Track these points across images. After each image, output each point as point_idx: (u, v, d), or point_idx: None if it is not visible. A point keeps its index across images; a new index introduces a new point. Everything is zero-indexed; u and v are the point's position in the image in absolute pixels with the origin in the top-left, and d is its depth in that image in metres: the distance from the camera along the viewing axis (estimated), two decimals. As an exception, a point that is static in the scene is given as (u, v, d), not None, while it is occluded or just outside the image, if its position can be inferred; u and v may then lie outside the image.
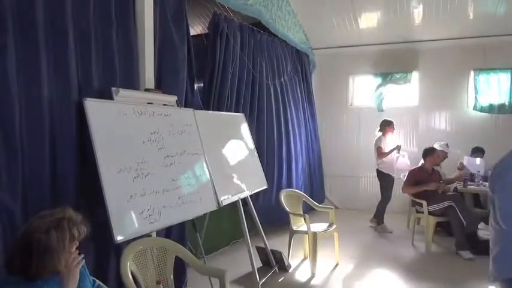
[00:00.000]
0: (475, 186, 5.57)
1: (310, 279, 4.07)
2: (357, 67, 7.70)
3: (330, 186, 7.80)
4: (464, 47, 6.92)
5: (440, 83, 7.16)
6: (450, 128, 7.10)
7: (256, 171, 4.35)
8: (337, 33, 7.20)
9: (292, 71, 6.77)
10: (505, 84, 6.76)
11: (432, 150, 5.38)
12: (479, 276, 4.12)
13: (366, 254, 4.89)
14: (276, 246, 4.38)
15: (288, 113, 6.40)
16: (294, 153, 6.41)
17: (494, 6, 6.09)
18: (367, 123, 7.55)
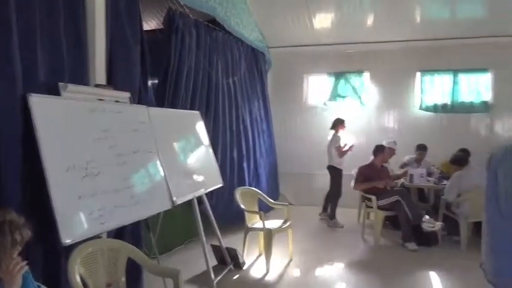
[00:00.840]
0: (419, 182, 5.87)
1: (264, 275, 4.12)
2: (312, 66, 7.87)
3: (285, 183, 7.91)
4: (412, 49, 7.29)
5: (389, 83, 7.49)
6: (398, 126, 7.45)
7: (211, 169, 4.33)
8: (292, 32, 7.31)
9: (248, 69, 6.79)
10: (448, 85, 7.19)
11: (382, 147, 5.63)
12: (423, 265, 4.40)
13: (318, 248, 5.04)
14: (231, 244, 4.40)
15: (243, 111, 6.43)
16: (248, 151, 6.46)
17: (439, 12, 6.44)
18: (321, 121, 7.74)
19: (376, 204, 5.19)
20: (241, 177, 6.12)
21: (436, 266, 4.36)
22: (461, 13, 6.51)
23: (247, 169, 6.34)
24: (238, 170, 6.07)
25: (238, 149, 6.17)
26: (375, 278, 4.09)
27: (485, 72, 7.07)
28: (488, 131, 7.10)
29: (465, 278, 4.04)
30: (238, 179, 6.00)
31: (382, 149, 5.59)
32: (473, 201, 4.83)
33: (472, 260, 4.56)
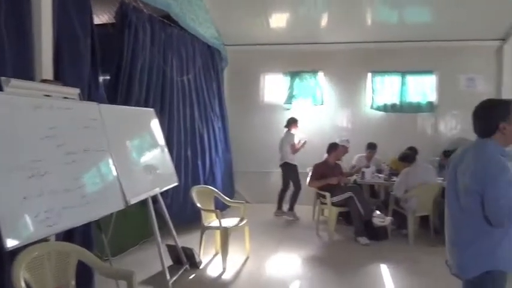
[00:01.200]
0: (370, 179, 6.10)
1: (221, 274, 4.12)
2: (268, 65, 7.94)
3: (241, 181, 7.93)
4: (363, 50, 7.56)
5: (342, 83, 7.72)
6: (351, 125, 7.69)
7: (166, 168, 4.25)
8: (249, 30, 7.33)
9: (204, 67, 6.72)
10: (397, 86, 7.53)
11: (335, 145, 5.79)
12: (374, 258, 4.58)
13: (275, 245, 5.09)
14: (187, 244, 4.34)
15: (198, 109, 6.36)
16: (203, 149, 6.40)
17: (389, 15, 6.73)
18: (277, 120, 7.84)
19: (330, 200, 5.34)
20: (196, 175, 6.05)
21: (386, 259, 4.55)
22: (409, 17, 6.83)
23: (202, 167, 6.28)
24: (193, 168, 6.00)
25: (193, 147, 6.10)
26: (329, 272, 4.21)
27: (431, 74, 7.47)
28: (433, 130, 7.51)
29: (413, 270, 4.27)
30: (193, 178, 5.93)
31: (336, 147, 5.76)
32: (420, 196, 5.10)
33: (419, 252, 4.86)
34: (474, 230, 1.99)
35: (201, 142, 6.36)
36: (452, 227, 2.13)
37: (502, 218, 1.89)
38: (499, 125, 1.96)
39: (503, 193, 1.87)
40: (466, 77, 7.35)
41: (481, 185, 1.91)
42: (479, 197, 1.92)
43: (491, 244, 1.96)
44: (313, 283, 3.93)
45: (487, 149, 1.98)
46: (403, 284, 3.88)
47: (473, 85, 7.32)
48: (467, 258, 2.03)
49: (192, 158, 6.02)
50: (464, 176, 2.00)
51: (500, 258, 1.95)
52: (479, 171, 1.93)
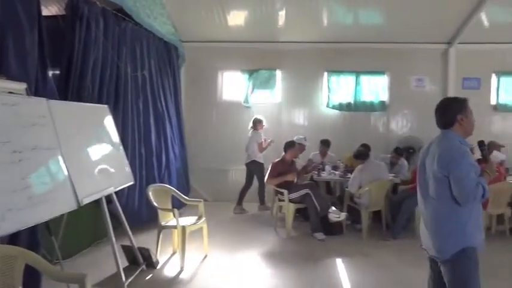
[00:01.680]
0: (326, 175, 6.25)
1: (179, 273, 4.06)
2: (226, 63, 7.91)
3: (199, 179, 7.85)
4: (320, 49, 7.72)
5: (300, 81, 7.85)
6: (308, 123, 7.84)
7: (121, 167, 4.12)
8: (206, 27, 7.26)
9: (160, 63, 6.58)
10: (351, 86, 7.76)
11: (292, 143, 5.87)
12: (330, 253, 4.70)
13: (233, 243, 5.10)
14: (144, 244, 4.25)
15: (154, 106, 6.22)
16: (158, 147, 6.28)
17: (344, 17, 6.91)
18: (235, 117, 7.85)
19: (288, 197, 5.42)
20: (151, 174, 5.92)
21: (341, 253, 4.69)
22: (363, 19, 7.06)
23: (157, 165, 6.15)
24: (148, 166, 5.87)
25: (148, 145, 5.96)
26: (287, 268, 4.26)
27: (383, 75, 7.77)
28: (385, 128, 7.82)
29: (366, 263, 4.43)
30: (148, 176, 5.79)
31: (292, 145, 5.83)
32: (372, 192, 5.29)
33: (372, 246, 5.05)
34: (446, 213, 2.23)
35: (156, 139, 6.21)
36: (427, 213, 2.34)
37: (467, 196, 2.14)
38: (457, 116, 2.28)
39: (465, 174, 2.14)
40: (415, 77, 7.72)
41: (446, 169, 2.17)
42: (447, 181, 2.18)
43: (461, 223, 2.20)
44: (271, 279, 3.97)
45: (448, 138, 2.28)
46: (357, 277, 4.01)
47: (422, 85, 7.71)
48: (443, 239, 2.24)
49: (147, 156, 5.88)
50: (432, 164, 2.24)
51: (470, 235, 2.20)
52: (444, 157, 2.20)
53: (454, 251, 2.19)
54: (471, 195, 2.14)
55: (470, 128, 2.34)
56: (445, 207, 2.22)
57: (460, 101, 2.35)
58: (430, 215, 2.32)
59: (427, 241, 2.37)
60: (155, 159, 6.11)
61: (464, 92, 7.51)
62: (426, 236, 2.37)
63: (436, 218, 2.28)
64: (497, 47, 7.47)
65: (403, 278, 4.01)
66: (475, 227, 2.23)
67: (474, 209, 2.22)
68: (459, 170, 2.15)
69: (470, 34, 7.01)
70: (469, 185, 2.13)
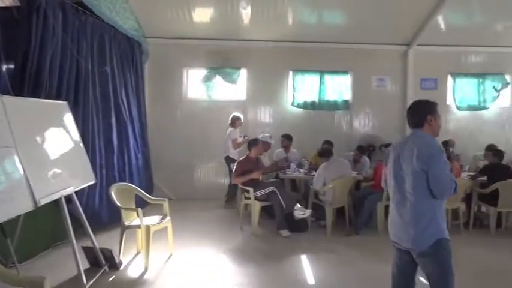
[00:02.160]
0: (291, 173, 6.32)
1: (143, 273, 3.98)
2: (192, 60, 7.82)
3: (164, 178, 7.73)
4: (285, 49, 7.79)
5: (265, 80, 7.89)
6: (273, 121, 7.89)
7: (82, 165, 3.98)
8: (171, 23, 7.14)
9: (122, 59, 6.39)
10: (315, 85, 7.89)
11: (255, 141, 5.88)
12: (295, 250, 4.77)
13: (199, 241, 5.06)
14: (106, 244, 4.13)
15: (116, 103, 6.05)
16: (120, 145, 6.12)
17: (308, 17, 7.01)
18: (201, 115, 7.78)
19: (253, 195, 5.44)
20: (113, 172, 5.77)
21: (306, 250, 4.77)
22: (327, 20, 7.20)
23: (119, 164, 6.01)
24: (110, 165, 5.71)
25: (110, 143, 5.80)
26: (252, 265, 4.28)
27: (346, 75, 7.95)
28: (348, 126, 8.02)
29: (330, 259, 4.53)
30: (110, 175, 5.63)
31: (256, 143, 5.84)
32: (336, 189, 5.41)
33: (336, 242, 5.16)
34: (423, 206, 2.36)
35: (117, 137, 6.04)
36: (404, 207, 2.43)
37: (444, 190, 2.31)
38: (427, 117, 2.45)
39: (443, 170, 2.31)
40: (377, 77, 7.97)
41: (426, 165, 2.30)
42: (425, 175, 2.31)
43: (436, 216, 2.36)
44: (237, 277, 3.97)
45: (424, 136, 2.44)
46: (321, 273, 4.09)
47: (383, 85, 7.97)
48: (421, 231, 2.35)
49: (109, 154, 5.72)
50: (411, 160, 2.36)
51: (443, 227, 2.37)
52: (423, 153, 2.32)
53: (431, 242, 2.31)
54: (448, 189, 2.31)
55: (438, 130, 2.51)
56: (423, 201, 2.35)
57: (431, 104, 2.52)
58: (407, 209, 2.41)
59: (401, 234, 2.46)
60: (116, 158, 5.95)
61: (423, 92, 7.85)
62: (400, 229, 2.45)
63: (414, 211, 2.38)
64: (452, 50, 7.84)
65: (366, 272, 4.12)
66: (443, 219, 2.40)
67: (442, 203, 2.41)
68: (438, 166, 2.30)
69: (428, 37, 7.31)
70: (446, 180, 2.30)
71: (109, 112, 5.84)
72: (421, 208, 2.36)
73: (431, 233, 2.33)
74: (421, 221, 2.34)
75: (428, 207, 2.35)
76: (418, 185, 2.34)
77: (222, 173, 7.67)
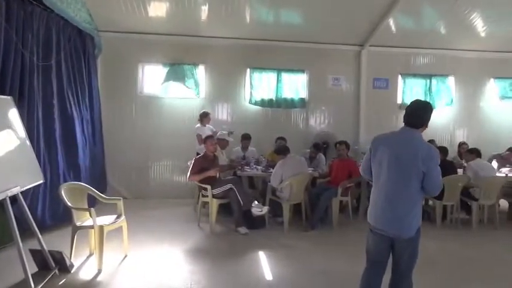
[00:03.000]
0: (249, 170, 6.35)
1: (96, 275, 3.84)
2: (147, 55, 7.63)
3: (118, 176, 7.51)
4: (242, 46, 7.80)
5: (223, 77, 7.86)
6: (231, 119, 7.87)
7: (28, 164, 3.77)
8: (125, 17, 6.90)
9: (73, 53, 6.10)
10: (273, 83, 7.97)
11: (207, 137, 5.83)
12: (253, 247, 4.80)
13: (155, 241, 4.95)
14: (56, 247, 3.95)
15: (66, 98, 5.78)
16: (71, 142, 5.88)
17: (265, 15, 7.04)
18: (157, 112, 7.62)
19: (211, 193, 5.41)
20: (63, 171, 5.52)
21: (264, 246, 4.82)
22: (284, 19, 7.26)
23: (70, 162, 5.76)
24: (59, 163, 5.45)
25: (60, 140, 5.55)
26: (210, 263, 4.26)
27: (303, 73, 8.09)
28: (304, 124, 8.17)
29: (288, 254, 4.60)
30: (53, 173, 5.37)
31: (206, 139, 5.78)
32: (293, 186, 5.50)
33: (293, 238, 5.26)
34: (415, 200, 2.67)
35: (64, 134, 5.76)
36: (395, 198, 2.67)
37: (438, 188, 2.65)
38: (427, 122, 2.69)
39: (439, 171, 2.63)
40: (332, 77, 8.17)
41: (426, 166, 2.57)
42: (422, 175, 2.59)
43: (419, 208, 2.72)
44: (194, 275, 3.93)
45: (421, 138, 2.68)
46: (279, 268, 4.15)
47: (338, 84, 8.19)
48: (409, 222, 2.66)
49: (58, 152, 5.46)
50: (414, 160, 2.58)
51: (421, 217, 2.74)
52: (428, 156, 2.58)
53: (416, 229, 2.68)
54: (439, 188, 2.66)
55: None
56: (416, 196, 2.66)
57: (432, 108, 2.75)
58: (399, 202, 2.66)
59: (389, 223, 2.70)
60: (67, 156, 5.70)
61: (375, 92, 8.17)
62: (389, 220, 2.69)
63: (407, 203, 2.65)
64: (402, 51, 8.20)
65: (322, 266, 4.23)
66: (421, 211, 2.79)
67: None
68: (437, 168, 2.61)
69: (380, 38, 7.60)
70: (440, 179, 2.66)
71: (58, 108, 5.57)
72: (413, 202, 2.66)
73: (417, 222, 2.68)
74: (411, 213, 2.65)
75: (418, 201, 2.70)
76: (415, 182, 2.61)
77: (179, 171, 7.58)
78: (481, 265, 4.39)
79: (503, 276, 4.14)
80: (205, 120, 6.96)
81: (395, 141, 2.72)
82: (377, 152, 2.74)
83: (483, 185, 5.73)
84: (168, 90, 7.62)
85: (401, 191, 2.64)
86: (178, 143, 7.52)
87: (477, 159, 6.02)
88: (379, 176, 2.73)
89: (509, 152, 7.14)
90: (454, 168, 6.09)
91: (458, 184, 5.76)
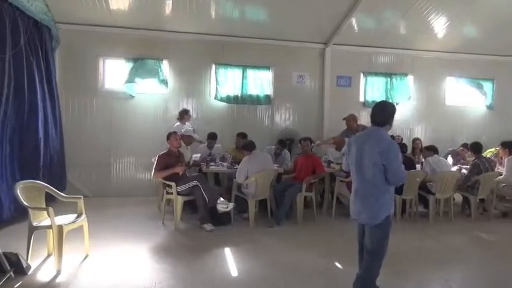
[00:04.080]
0: (215, 167, 6.32)
1: (55, 277, 3.69)
2: (108, 49, 7.41)
3: (79, 174, 7.27)
4: (208, 42, 7.74)
5: (188, 72, 7.77)
6: (196, 115, 7.79)
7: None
8: (85, 9, 6.64)
9: (28, 45, 5.80)
10: (238, 79, 7.96)
11: (170, 134, 5.72)
12: (219, 243, 4.79)
13: (118, 240, 4.83)
14: (11, 248, 3.76)
15: (21, 93, 5.50)
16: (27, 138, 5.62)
17: (230, 11, 7.00)
18: (119, 108, 7.43)
19: (176, 190, 5.34)
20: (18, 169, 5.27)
21: (230, 242, 4.82)
22: (250, 16, 7.26)
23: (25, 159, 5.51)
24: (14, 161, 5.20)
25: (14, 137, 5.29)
26: (176, 261, 4.20)
27: (268, 70, 8.14)
28: (270, 120, 8.22)
29: (253, 249, 4.63)
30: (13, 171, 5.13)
31: (169, 135, 5.67)
32: (259, 182, 5.52)
33: (258, 233, 5.29)
34: (380, 191, 3.00)
35: (24, 130, 5.51)
36: (363, 190, 3.08)
37: (400, 179, 2.96)
38: (390, 119, 3.03)
39: (400, 163, 2.93)
40: (297, 74, 8.27)
41: (386, 160, 2.89)
42: (383, 168, 2.91)
43: (387, 198, 3.03)
44: (159, 274, 3.87)
45: (385, 135, 3.01)
46: (244, 264, 4.16)
47: (303, 81, 8.30)
48: (376, 209, 3.02)
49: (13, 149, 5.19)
50: (374, 154, 2.92)
51: (391, 206, 3.06)
52: (386, 150, 2.90)
53: (383, 217, 3.01)
54: (401, 179, 2.96)
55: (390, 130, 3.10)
56: (380, 187, 2.98)
57: (394, 108, 3.09)
58: (366, 192, 3.06)
59: (359, 213, 3.14)
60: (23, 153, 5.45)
61: (338, 89, 8.35)
62: (359, 210, 3.12)
63: (372, 194, 3.02)
64: (364, 50, 8.43)
65: (287, 260, 4.29)
66: (391, 201, 3.09)
67: (392, 189, 3.08)
68: (397, 160, 2.91)
69: (343, 37, 7.77)
70: (402, 171, 2.94)
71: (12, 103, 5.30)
72: (378, 193, 3.00)
73: (384, 211, 3.01)
74: (377, 203, 3.00)
75: (384, 192, 3.00)
76: (377, 174, 2.94)
77: (142, 168, 7.44)
78: (437, 255, 4.60)
79: (457, 264, 4.37)
80: (186, 118, 6.94)
81: (362, 139, 3.10)
82: (350, 150, 3.19)
83: (439, 179, 6.00)
84: (133, 86, 7.42)
85: (367, 183, 3.03)
86: (142, 139, 7.38)
87: (434, 155, 6.30)
88: (352, 171, 3.16)
89: (463, 147, 7.53)
90: (413, 164, 6.34)
91: (416, 179, 6.00)
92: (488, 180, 6.17)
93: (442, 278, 3.90)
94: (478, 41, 8.26)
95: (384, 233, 3.08)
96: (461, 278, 4.07)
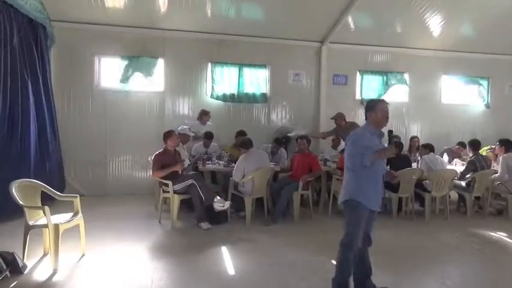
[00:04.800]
0: (211, 165, 6.31)
1: (51, 276, 3.68)
2: (104, 47, 7.37)
3: (75, 173, 7.25)
4: (203, 40, 7.72)
5: (183, 71, 7.75)
6: (192, 114, 7.78)
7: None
8: (80, 7, 6.62)
9: (23, 43, 5.76)
10: (235, 77, 7.95)
11: (168, 133, 5.69)
12: (216, 242, 4.79)
13: (114, 239, 4.82)
14: (7, 247, 3.75)
15: (15, 92, 5.46)
16: (23, 138, 5.59)
17: (226, 9, 6.99)
18: (115, 106, 7.40)
19: (172, 188, 5.33)
20: (14, 168, 5.24)
21: (226, 241, 4.82)
22: (246, 14, 7.26)
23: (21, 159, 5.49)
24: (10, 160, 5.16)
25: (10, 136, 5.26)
26: (173, 260, 4.20)
27: (264, 68, 8.13)
28: (266, 119, 8.23)
29: (250, 248, 4.63)
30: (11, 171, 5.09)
31: (169, 135, 5.66)
32: (256, 180, 5.53)
33: (255, 232, 5.29)
34: (347, 175, 3.24)
35: (20, 130, 5.47)
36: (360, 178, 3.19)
37: (352, 165, 3.15)
38: (367, 114, 3.25)
39: (355, 153, 3.10)
40: (293, 72, 8.27)
41: (347, 147, 3.23)
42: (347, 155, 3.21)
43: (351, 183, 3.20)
44: (156, 272, 3.87)
45: (361, 127, 3.36)
46: (241, 263, 4.16)
47: (299, 80, 8.31)
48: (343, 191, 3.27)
49: (9, 148, 5.16)
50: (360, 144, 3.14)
51: (355, 193, 3.15)
52: (348, 139, 3.24)
53: (343, 199, 3.23)
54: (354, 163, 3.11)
55: (379, 122, 3.21)
56: (348, 172, 3.24)
57: (372, 103, 3.31)
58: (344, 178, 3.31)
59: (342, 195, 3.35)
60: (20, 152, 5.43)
61: (334, 87, 8.37)
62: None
63: (344, 178, 3.31)
64: (360, 48, 8.43)
65: (283, 258, 4.30)
66: (359, 189, 3.15)
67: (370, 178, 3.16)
68: (351, 146, 3.17)
69: (339, 35, 7.78)
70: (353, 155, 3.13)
71: (7, 102, 5.28)
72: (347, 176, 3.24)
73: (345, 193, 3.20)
74: (345, 184, 3.25)
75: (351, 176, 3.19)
76: (346, 160, 3.21)
77: (138, 166, 7.42)
78: (433, 253, 4.62)
79: (453, 262, 4.40)
80: (205, 118, 7.06)
81: None
82: None
83: (435, 178, 6.03)
84: (129, 84, 7.39)
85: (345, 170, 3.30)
86: (138, 137, 7.36)
87: (430, 153, 6.33)
88: None
89: (459, 146, 7.57)
90: (409, 162, 6.36)
91: (413, 177, 6.02)
92: (484, 178, 6.21)
93: (437, 276, 3.92)
94: (474, 39, 8.30)
95: (348, 217, 3.21)
96: (456, 276, 4.10)
